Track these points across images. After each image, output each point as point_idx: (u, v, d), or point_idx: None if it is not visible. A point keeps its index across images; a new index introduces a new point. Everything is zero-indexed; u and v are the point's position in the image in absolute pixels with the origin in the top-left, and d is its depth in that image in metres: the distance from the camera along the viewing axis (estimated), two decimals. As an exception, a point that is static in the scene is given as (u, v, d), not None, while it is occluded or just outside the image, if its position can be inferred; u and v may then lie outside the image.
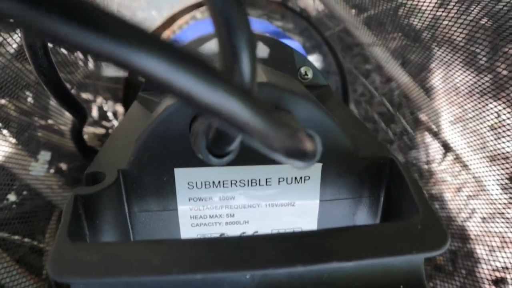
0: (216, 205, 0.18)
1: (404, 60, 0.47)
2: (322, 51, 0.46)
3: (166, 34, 0.40)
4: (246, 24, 0.08)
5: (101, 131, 0.40)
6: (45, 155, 0.29)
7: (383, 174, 0.19)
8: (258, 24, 0.33)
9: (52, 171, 0.34)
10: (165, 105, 0.18)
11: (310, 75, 0.26)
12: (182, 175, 0.18)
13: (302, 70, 0.26)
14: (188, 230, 0.19)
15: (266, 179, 0.18)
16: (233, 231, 0.19)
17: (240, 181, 0.18)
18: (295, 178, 0.18)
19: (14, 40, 0.28)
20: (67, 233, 0.14)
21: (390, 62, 0.47)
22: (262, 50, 0.24)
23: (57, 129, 0.36)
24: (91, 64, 0.37)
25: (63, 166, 0.36)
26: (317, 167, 0.18)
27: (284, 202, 0.19)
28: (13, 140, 0.31)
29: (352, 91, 0.52)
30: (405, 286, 0.14)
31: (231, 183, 0.18)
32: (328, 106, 0.24)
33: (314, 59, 0.47)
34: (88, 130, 0.38)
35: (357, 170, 0.19)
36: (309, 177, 0.18)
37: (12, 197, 0.27)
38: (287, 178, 0.18)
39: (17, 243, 0.29)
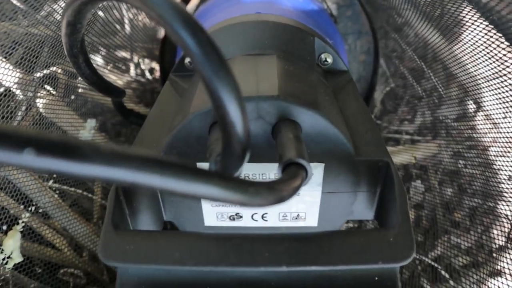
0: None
1: (442, 12, 0.45)
2: (355, 10, 0.45)
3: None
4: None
5: (139, 87, 0.43)
6: (91, 122, 0.33)
7: (380, 174, 0.21)
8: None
9: (97, 127, 0.39)
10: (188, 106, 0.21)
11: (330, 60, 0.27)
12: (204, 168, 0.21)
13: (323, 56, 0.27)
14: (209, 210, 0.23)
15: (274, 174, 0.21)
16: (247, 212, 0.23)
17: (252, 174, 0.21)
18: (300, 174, 0.21)
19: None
20: (111, 222, 0.17)
21: (423, 15, 0.45)
22: (284, 40, 0.26)
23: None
24: (127, 28, 0.39)
25: (107, 122, 0.40)
26: (320, 166, 0.21)
27: (290, 192, 0.22)
28: (64, 102, 0.35)
29: (384, 46, 0.51)
30: (379, 278, 0.17)
31: (244, 176, 0.21)
32: (343, 96, 0.26)
33: (347, 18, 0.46)
34: (127, 89, 0.41)
35: (356, 170, 0.21)
36: (313, 173, 0.21)
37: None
38: (293, 174, 0.21)
39: (70, 192, 0.34)
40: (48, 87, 0.35)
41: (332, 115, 0.21)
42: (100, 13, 0.39)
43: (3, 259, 0.26)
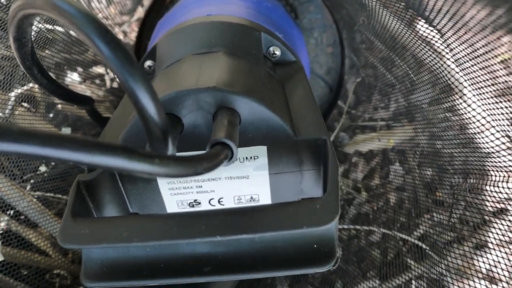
0: (186, 179, 0.24)
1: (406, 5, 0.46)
2: (317, 5, 0.47)
3: None
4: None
5: (116, 99, 0.45)
6: (66, 131, 0.36)
7: (320, 151, 0.23)
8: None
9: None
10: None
11: (278, 53, 0.29)
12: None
13: (271, 49, 0.29)
14: (169, 198, 0.24)
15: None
16: (204, 197, 0.24)
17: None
18: (246, 157, 0.23)
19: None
20: (71, 212, 0.19)
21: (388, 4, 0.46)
22: (230, 37, 0.28)
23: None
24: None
25: (87, 134, 0.42)
26: (263, 149, 0.23)
27: (239, 176, 0.23)
28: (42, 118, 0.37)
29: (351, 39, 0.53)
30: (318, 245, 0.19)
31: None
32: (291, 84, 0.27)
33: (311, 13, 0.48)
34: (104, 102, 0.44)
35: (297, 150, 0.23)
36: (258, 156, 0.23)
37: (43, 168, 0.34)
38: (239, 158, 0.23)
39: (54, 200, 0.36)
40: (26, 105, 0.37)
41: (271, 101, 0.23)
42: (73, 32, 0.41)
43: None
